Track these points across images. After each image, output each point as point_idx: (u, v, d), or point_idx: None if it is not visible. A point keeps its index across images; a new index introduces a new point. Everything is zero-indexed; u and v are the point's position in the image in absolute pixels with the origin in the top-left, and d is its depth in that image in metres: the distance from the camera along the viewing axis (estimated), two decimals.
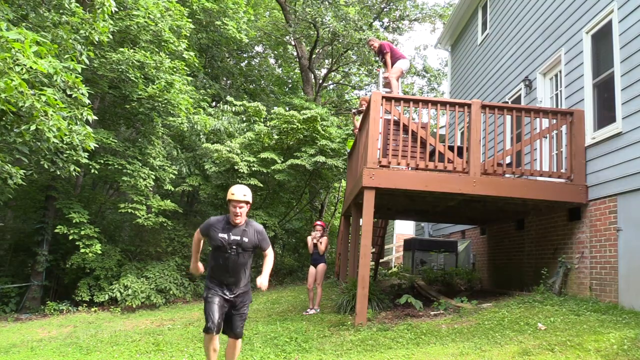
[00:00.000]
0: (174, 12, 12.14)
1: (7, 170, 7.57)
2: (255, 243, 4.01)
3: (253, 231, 4.01)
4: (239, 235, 3.93)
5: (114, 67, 10.81)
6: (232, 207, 3.92)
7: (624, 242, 5.64)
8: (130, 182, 11.61)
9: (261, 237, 4.06)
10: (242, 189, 3.99)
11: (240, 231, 3.95)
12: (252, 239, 3.99)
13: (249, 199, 3.99)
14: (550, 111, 6.84)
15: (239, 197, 3.91)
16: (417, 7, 21.85)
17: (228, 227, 3.96)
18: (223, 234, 3.92)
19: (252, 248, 4.00)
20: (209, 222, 4.04)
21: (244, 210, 3.94)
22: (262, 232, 4.09)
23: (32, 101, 6.15)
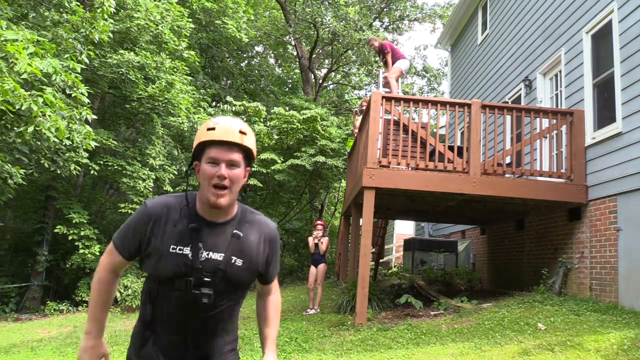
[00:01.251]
0: (174, 13, 12.14)
1: (7, 169, 7.57)
2: (258, 268, 1.68)
3: (258, 238, 1.67)
4: (224, 251, 1.59)
5: (114, 69, 10.82)
6: (209, 162, 1.54)
7: (624, 242, 5.64)
8: (130, 184, 11.61)
9: (272, 255, 1.73)
10: (230, 122, 1.58)
11: (225, 238, 1.60)
12: (255, 258, 1.66)
13: (249, 144, 1.58)
14: (550, 111, 6.84)
15: (227, 135, 1.53)
16: (417, 7, 21.84)
17: (195, 226, 1.58)
18: (181, 246, 1.56)
19: (249, 281, 1.68)
20: (148, 212, 1.59)
21: (237, 174, 1.56)
22: (275, 239, 1.74)
23: (30, 103, 6.15)
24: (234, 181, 1.53)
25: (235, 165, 1.53)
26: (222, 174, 1.50)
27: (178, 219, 1.57)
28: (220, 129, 1.52)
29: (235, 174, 1.53)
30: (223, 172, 1.50)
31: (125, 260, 1.64)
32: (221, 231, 1.59)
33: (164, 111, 12.34)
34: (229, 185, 1.52)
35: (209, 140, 1.52)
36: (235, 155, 1.53)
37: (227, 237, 1.58)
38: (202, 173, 1.54)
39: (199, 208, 1.59)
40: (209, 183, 1.51)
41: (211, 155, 1.52)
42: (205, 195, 1.53)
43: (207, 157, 1.53)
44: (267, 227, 1.70)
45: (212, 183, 1.51)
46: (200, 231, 1.56)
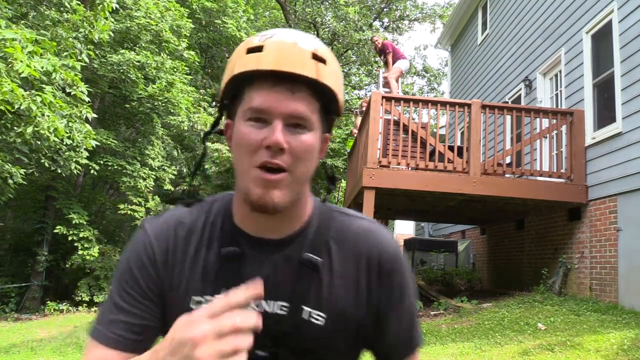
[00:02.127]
0: (174, 12, 12.15)
1: (7, 169, 7.57)
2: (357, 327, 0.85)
3: (355, 265, 0.85)
4: (288, 297, 0.81)
5: (114, 68, 10.82)
6: (251, 120, 0.76)
7: (624, 242, 5.64)
8: (130, 183, 11.61)
9: (388, 295, 0.86)
10: (294, 36, 0.78)
11: (289, 270, 0.82)
12: (350, 305, 0.83)
13: (331, 82, 0.78)
14: (550, 111, 6.84)
15: (287, 61, 0.74)
16: (417, 7, 21.86)
17: (231, 251, 0.82)
18: (210, 294, 0.81)
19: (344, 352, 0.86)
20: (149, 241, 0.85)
21: (306, 143, 0.77)
22: (392, 265, 0.86)
23: (29, 103, 6.15)
24: (301, 157, 0.77)
25: (303, 126, 0.77)
26: (277, 141, 0.74)
27: (202, 244, 0.85)
28: (273, 48, 0.76)
29: (303, 142, 0.77)
30: (278, 137, 0.74)
31: (127, 353, 0.79)
32: (280, 257, 0.83)
33: (164, 111, 12.35)
34: (290, 165, 0.76)
35: (249, 71, 0.75)
36: (302, 102, 0.76)
37: (292, 269, 0.83)
38: (236, 141, 0.79)
39: (237, 217, 0.86)
40: (251, 161, 0.76)
41: (254, 104, 0.76)
42: (245, 187, 0.78)
43: (245, 110, 0.77)
44: (373, 240, 0.86)
45: (256, 161, 0.76)
46: (242, 260, 0.82)
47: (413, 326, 0.91)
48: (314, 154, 0.80)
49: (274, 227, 0.84)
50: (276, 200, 0.77)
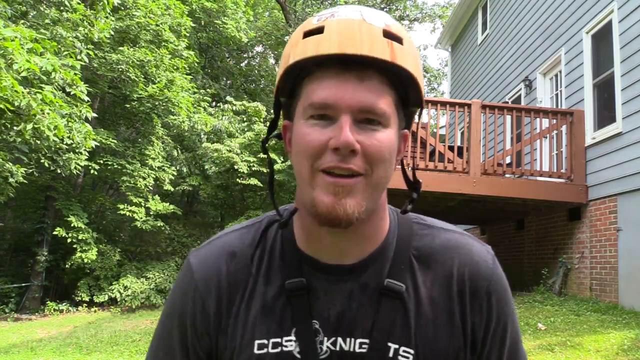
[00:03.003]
0: (174, 11, 12.15)
1: (7, 168, 7.57)
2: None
3: (446, 289, 0.71)
4: (369, 333, 0.68)
5: (114, 66, 10.81)
6: (313, 118, 0.63)
7: (624, 242, 5.64)
8: (130, 183, 11.61)
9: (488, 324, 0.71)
10: (362, 12, 0.64)
11: (368, 300, 0.69)
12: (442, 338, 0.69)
13: (410, 65, 0.63)
14: (550, 111, 6.84)
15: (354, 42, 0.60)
16: (417, 7, 21.87)
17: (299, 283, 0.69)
18: (277, 337, 0.69)
19: None
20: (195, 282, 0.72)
21: (382, 143, 0.63)
22: (491, 288, 0.72)
23: (29, 100, 6.15)
24: (377, 159, 0.64)
25: (377, 121, 0.64)
26: (346, 141, 0.61)
27: (260, 276, 0.72)
28: (336, 28, 0.63)
29: (379, 141, 0.64)
30: (347, 136, 0.61)
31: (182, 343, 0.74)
32: (356, 286, 0.70)
33: (164, 111, 12.35)
34: (365, 169, 0.64)
35: (307, 58, 0.63)
36: (377, 94, 0.64)
37: (371, 299, 0.70)
38: (296, 145, 0.67)
39: (300, 239, 0.73)
40: (315, 166, 0.64)
41: (316, 98, 0.64)
42: (310, 198, 0.65)
43: (306, 106, 0.65)
44: (464, 257, 0.74)
45: (321, 165, 0.63)
46: (312, 293, 0.70)
47: (516, 355, 0.75)
48: (392, 156, 0.66)
49: (347, 248, 0.69)
50: (349, 211, 0.62)
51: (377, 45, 0.61)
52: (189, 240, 14.01)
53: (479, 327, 0.71)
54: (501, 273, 0.75)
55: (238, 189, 14.03)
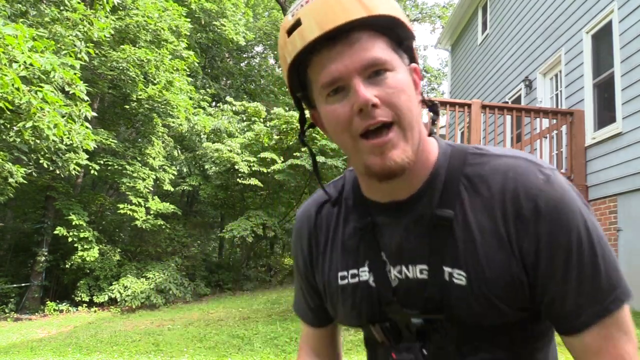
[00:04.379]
0: (172, 12, 12.16)
1: (7, 168, 7.57)
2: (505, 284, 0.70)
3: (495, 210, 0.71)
4: (426, 258, 0.75)
5: (114, 65, 10.81)
6: (331, 96, 0.70)
7: (624, 242, 5.64)
8: (130, 183, 11.62)
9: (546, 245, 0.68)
10: None
11: (422, 229, 0.76)
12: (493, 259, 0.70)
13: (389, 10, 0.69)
14: (550, 111, 6.83)
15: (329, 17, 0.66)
16: (417, 7, 21.88)
17: (366, 222, 0.81)
18: (354, 268, 0.82)
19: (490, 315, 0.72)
20: (295, 230, 0.93)
21: (397, 83, 0.69)
22: (545, 206, 0.67)
23: (29, 98, 6.15)
24: (397, 101, 0.69)
25: (383, 69, 0.69)
26: (364, 100, 0.67)
27: (340, 220, 0.85)
28: (310, 14, 0.68)
29: (392, 85, 0.69)
30: (364, 95, 0.67)
31: (316, 328, 0.95)
32: (412, 218, 0.77)
33: (163, 112, 12.36)
34: (392, 115, 0.69)
35: (300, 52, 0.69)
36: (370, 47, 0.69)
37: (425, 228, 0.76)
38: (328, 125, 0.74)
39: (364, 188, 0.83)
40: (352, 135, 0.70)
41: (323, 79, 0.70)
42: (362, 164, 0.72)
43: (320, 89, 0.72)
44: (511, 178, 0.72)
45: (357, 131, 0.69)
46: (376, 229, 0.80)
47: (596, 283, 0.68)
48: (409, 91, 0.71)
49: (397, 188, 0.76)
50: (399, 160, 0.69)
51: (349, 8, 0.67)
52: (189, 240, 14.04)
53: (527, 252, 0.69)
54: (558, 190, 0.69)
55: (238, 189, 14.03)
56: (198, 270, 13.57)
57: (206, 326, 7.68)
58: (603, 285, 0.69)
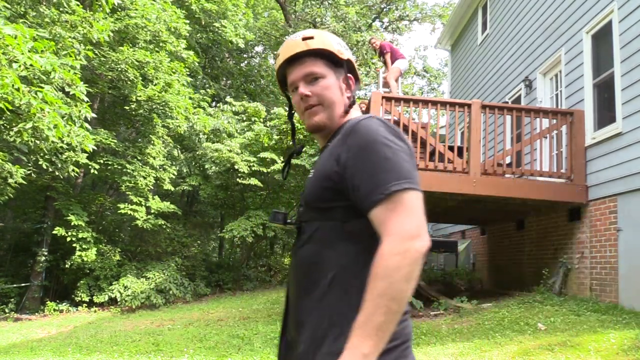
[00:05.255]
0: (170, 14, 12.15)
1: (7, 169, 7.57)
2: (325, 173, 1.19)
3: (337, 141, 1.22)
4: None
5: (113, 66, 10.81)
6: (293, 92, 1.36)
7: (624, 242, 5.63)
8: (130, 182, 11.61)
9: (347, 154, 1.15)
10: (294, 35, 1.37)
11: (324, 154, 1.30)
12: (324, 161, 1.23)
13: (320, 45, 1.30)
14: (550, 111, 6.83)
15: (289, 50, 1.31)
16: (417, 7, 21.86)
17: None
18: None
19: (315, 193, 1.20)
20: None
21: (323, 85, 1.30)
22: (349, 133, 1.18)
23: (29, 98, 6.14)
24: (322, 95, 1.26)
25: (317, 77, 1.27)
26: (302, 92, 1.26)
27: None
28: (282, 49, 1.30)
29: (321, 86, 1.26)
30: (302, 90, 1.26)
31: None
32: (325, 151, 1.26)
33: (162, 113, 12.36)
34: (316, 102, 1.26)
35: (278, 68, 1.33)
36: (309, 66, 1.27)
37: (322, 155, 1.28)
38: (294, 105, 1.35)
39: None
40: (301, 111, 1.30)
41: (290, 82, 1.31)
42: (305, 124, 1.32)
43: (290, 87, 1.33)
44: (352, 121, 1.19)
45: (302, 109, 1.29)
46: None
47: (374, 176, 1.06)
48: (333, 88, 1.29)
49: (324, 137, 1.32)
50: (313, 122, 1.29)
51: (298, 46, 1.28)
52: (189, 240, 14.02)
53: (340, 157, 1.15)
54: (368, 121, 1.16)
55: (238, 189, 14.03)
56: (198, 270, 13.57)
57: (206, 326, 7.67)
58: (384, 177, 1.05)
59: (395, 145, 1.09)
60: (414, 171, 1.08)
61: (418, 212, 1.03)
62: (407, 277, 0.97)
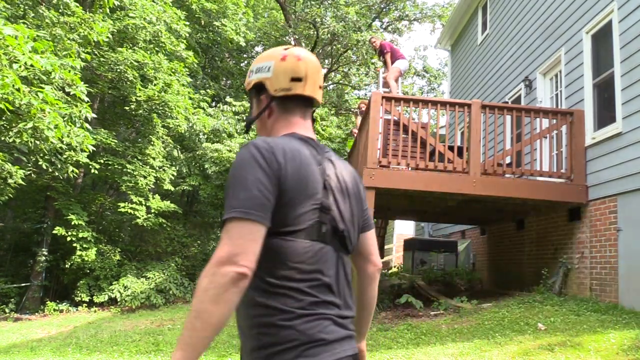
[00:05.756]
0: (170, 14, 12.14)
1: (7, 169, 7.57)
2: None
3: None
4: None
5: (112, 66, 10.81)
6: None
7: (624, 242, 5.63)
8: (130, 182, 11.61)
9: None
10: None
11: None
12: None
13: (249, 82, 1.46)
14: (550, 111, 6.83)
15: None
16: (417, 7, 21.84)
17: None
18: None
19: None
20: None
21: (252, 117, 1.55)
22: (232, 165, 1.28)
23: (29, 98, 6.14)
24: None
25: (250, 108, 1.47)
26: None
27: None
28: None
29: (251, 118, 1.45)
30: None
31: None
32: None
33: (162, 113, 12.36)
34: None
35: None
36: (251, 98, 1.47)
37: None
38: None
39: None
40: None
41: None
42: None
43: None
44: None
45: None
46: None
47: (225, 201, 1.16)
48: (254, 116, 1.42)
49: None
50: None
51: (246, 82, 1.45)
52: (189, 240, 14.02)
53: None
54: (241, 150, 1.23)
55: None
56: (198, 270, 13.55)
57: None
58: (226, 203, 1.15)
59: (242, 174, 1.16)
60: (250, 199, 1.13)
61: (236, 239, 1.09)
62: (214, 300, 1.04)
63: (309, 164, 1.24)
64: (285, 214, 1.17)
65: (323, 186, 1.25)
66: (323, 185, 1.25)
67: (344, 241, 1.29)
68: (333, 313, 1.19)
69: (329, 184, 1.27)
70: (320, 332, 1.15)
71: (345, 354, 1.16)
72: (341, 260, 1.27)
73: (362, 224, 1.43)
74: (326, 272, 1.21)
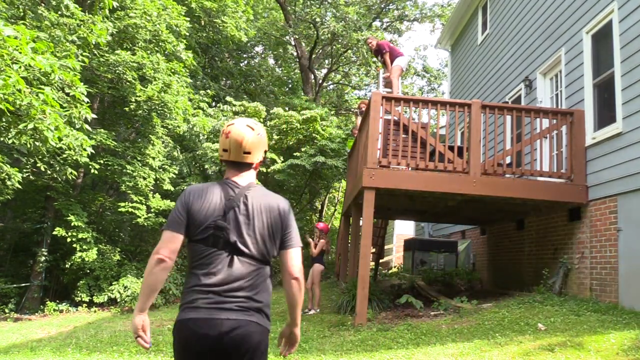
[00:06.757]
0: (171, 11, 12.13)
1: (6, 170, 7.57)
2: None
3: None
4: None
5: (111, 68, 10.81)
6: None
7: (624, 242, 5.63)
8: (130, 183, 11.61)
9: None
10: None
11: None
12: None
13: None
14: (550, 111, 6.83)
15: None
16: (416, 7, 21.85)
17: None
18: None
19: None
20: None
21: None
22: None
23: (30, 99, 6.14)
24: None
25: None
26: None
27: None
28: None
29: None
30: None
31: None
32: None
33: (161, 114, 12.36)
34: None
35: None
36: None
37: None
38: None
39: None
40: None
41: None
42: None
43: None
44: None
45: None
46: None
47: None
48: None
49: None
50: None
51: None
52: None
53: None
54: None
55: None
56: None
57: None
58: None
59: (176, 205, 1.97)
60: (171, 219, 1.92)
61: (161, 240, 1.89)
62: (148, 273, 1.87)
63: (213, 199, 1.92)
64: (193, 229, 1.90)
65: (223, 212, 1.90)
66: (223, 212, 1.90)
67: (237, 247, 1.89)
68: (205, 289, 1.87)
69: (233, 211, 1.91)
70: (190, 300, 1.89)
71: (190, 315, 1.87)
72: (232, 259, 1.89)
73: (279, 241, 2.00)
74: (213, 266, 1.87)
